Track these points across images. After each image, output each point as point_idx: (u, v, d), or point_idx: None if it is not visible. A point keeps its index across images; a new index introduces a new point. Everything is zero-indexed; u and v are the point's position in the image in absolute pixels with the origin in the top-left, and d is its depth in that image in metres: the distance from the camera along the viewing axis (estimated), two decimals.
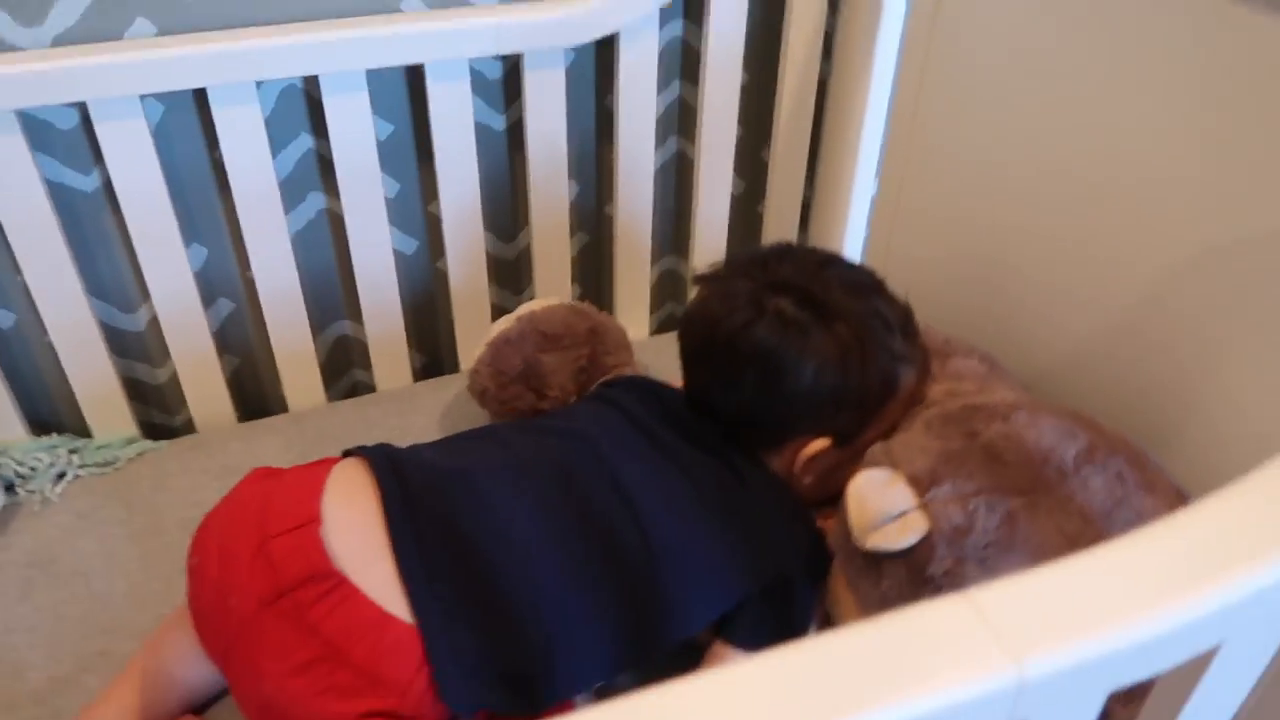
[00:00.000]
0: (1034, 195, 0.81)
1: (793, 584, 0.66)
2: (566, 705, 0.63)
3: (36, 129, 0.78)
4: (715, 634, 0.66)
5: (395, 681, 0.55)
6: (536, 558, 0.60)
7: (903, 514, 0.59)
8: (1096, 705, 0.35)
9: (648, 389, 0.76)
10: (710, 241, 1.03)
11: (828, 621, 0.72)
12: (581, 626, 0.60)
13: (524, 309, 0.87)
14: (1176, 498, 0.63)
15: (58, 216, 0.79)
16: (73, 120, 0.79)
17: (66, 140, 0.79)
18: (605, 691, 0.66)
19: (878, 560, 0.61)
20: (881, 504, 0.60)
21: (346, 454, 0.66)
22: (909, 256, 0.94)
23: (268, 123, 0.82)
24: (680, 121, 1.01)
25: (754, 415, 0.70)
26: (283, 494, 0.61)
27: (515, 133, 0.94)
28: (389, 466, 0.62)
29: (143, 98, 0.77)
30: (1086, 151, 0.76)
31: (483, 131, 0.92)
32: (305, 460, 0.66)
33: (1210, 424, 0.71)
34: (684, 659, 0.66)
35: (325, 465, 0.64)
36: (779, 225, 1.05)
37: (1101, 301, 0.77)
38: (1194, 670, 0.38)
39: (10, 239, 0.79)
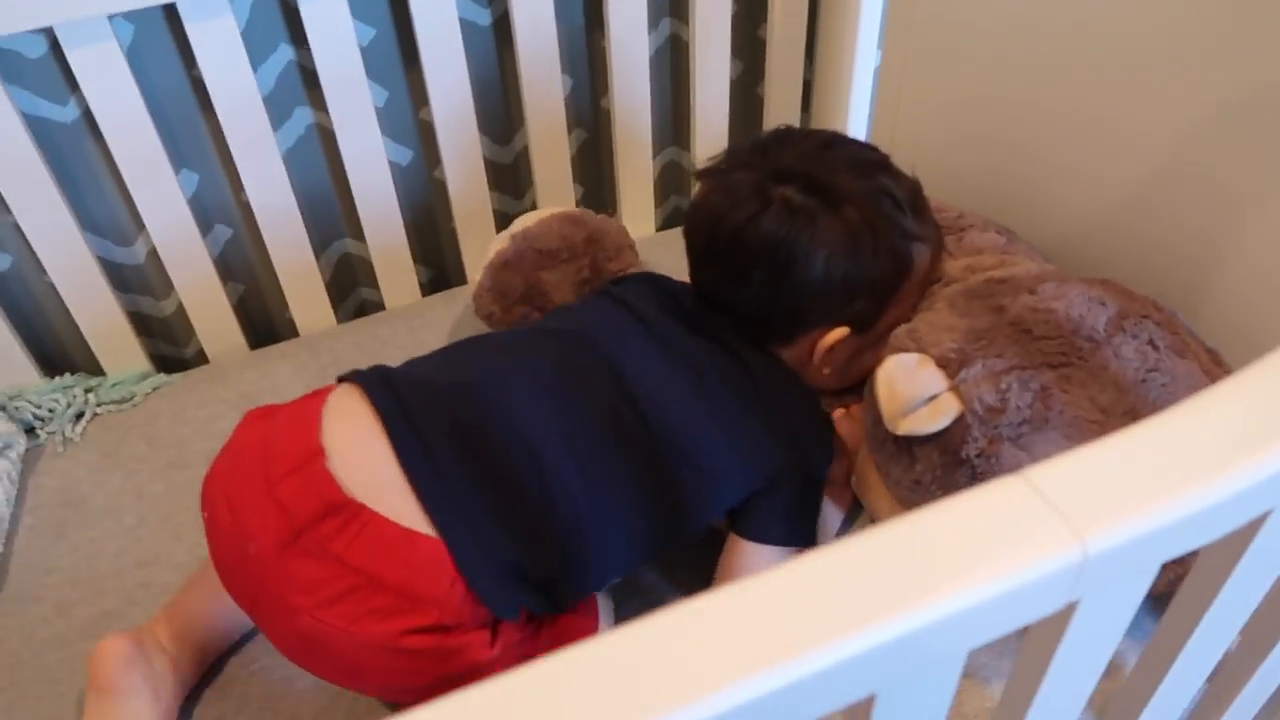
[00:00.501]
0: (1042, 65, 0.77)
1: (802, 473, 0.66)
2: (591, 600, 0.64)
3: (4, 60, 0.74)
4: (730, 526, 0.66)
5: (433, 596, 0.56)
6: (546, 453, 0.59)
7: (934, 397, 0.59)
8: (1150, 578, 0.35)
9: (654, 284, 0.74)
10: (711, 128, 1.00)
11: (858, 509, 0.73)
12: (599, 520, 0.60)
13: (517, 225, 0.84)
14: (1210, 360, 0.62)
15: (40, 151, 0.77)
16: (41, 48, 0.75)
17: (37, 69, 0.76)
18: (629, 583, 0.67)
19: (910, 445, 0.61)
20: (912, 388, 0.59)
21: (341, 380, 0.65)
22: (916, 135, 0.91)
23: (244, 35, 0.78)
24: (672, 2, 0.96)
25: (765, 310, 0.68)
26: (281, 433, 0.60)
27: (502, 27, 0.90)
28: (384, 387, 0.61)
29: (111, 18, 0.73)
30: (1093, 16, 0.72)
31: (468, 28, 0.88)
32: (322, 384, 0.65)
33: (1235, 283, 0.70)
34: (705, 546, 0.67)
35: (319, 396, 0.63)
36: (780, 108, 1.02)
37: (1118, 169, 0.75)
38: (1244, 536, 0.38)
39: None
